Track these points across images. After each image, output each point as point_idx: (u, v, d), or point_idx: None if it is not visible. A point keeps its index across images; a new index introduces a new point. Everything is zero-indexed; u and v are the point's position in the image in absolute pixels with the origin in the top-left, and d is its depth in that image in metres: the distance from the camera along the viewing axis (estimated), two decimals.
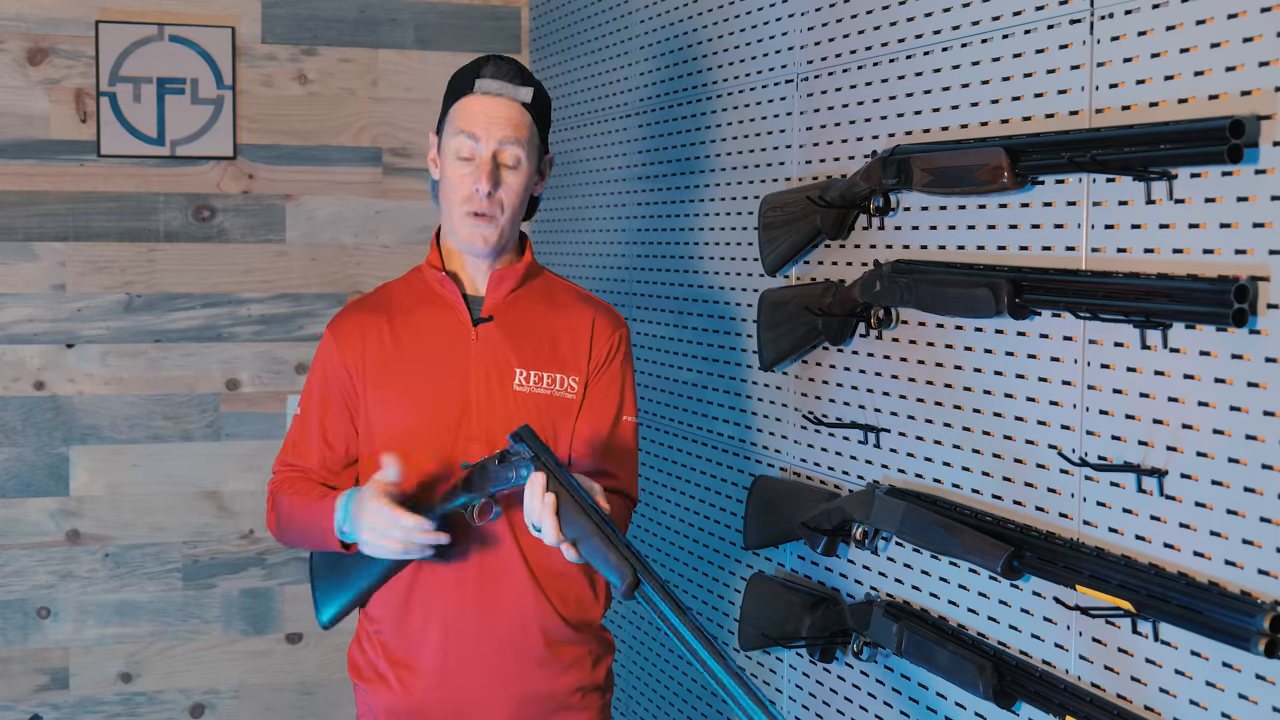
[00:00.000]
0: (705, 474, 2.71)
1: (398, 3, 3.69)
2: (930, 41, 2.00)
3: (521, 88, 2.11)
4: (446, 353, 2.14)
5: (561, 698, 2.17)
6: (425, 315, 2.17)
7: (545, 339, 2.15)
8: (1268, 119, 1.44)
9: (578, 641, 2.17)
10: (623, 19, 3.09)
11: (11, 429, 3.47)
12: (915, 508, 1.94)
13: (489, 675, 2.13)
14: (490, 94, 2.10)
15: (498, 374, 2.12)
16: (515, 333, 2.15)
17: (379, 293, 2.25)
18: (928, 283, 1.92)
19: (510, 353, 2.13)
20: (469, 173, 2.09)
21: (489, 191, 2.08)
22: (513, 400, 2.11)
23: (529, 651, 2.14)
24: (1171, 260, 1.57)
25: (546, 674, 2.15)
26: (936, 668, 1.91)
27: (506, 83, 2.11)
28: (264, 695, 3.65)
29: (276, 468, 2.27)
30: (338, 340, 2.19)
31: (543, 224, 3.66)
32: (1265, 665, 1.45)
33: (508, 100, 2.10)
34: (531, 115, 2.12)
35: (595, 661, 2.21)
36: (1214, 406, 1.51)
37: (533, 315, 2.17)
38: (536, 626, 2.13)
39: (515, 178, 2.11)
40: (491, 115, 2.09)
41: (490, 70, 2.11)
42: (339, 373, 2.18)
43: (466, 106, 2.11)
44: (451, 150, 2.11)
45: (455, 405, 2.12)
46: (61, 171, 3.48)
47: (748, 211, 2.52)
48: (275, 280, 3.63)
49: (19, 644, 3.50)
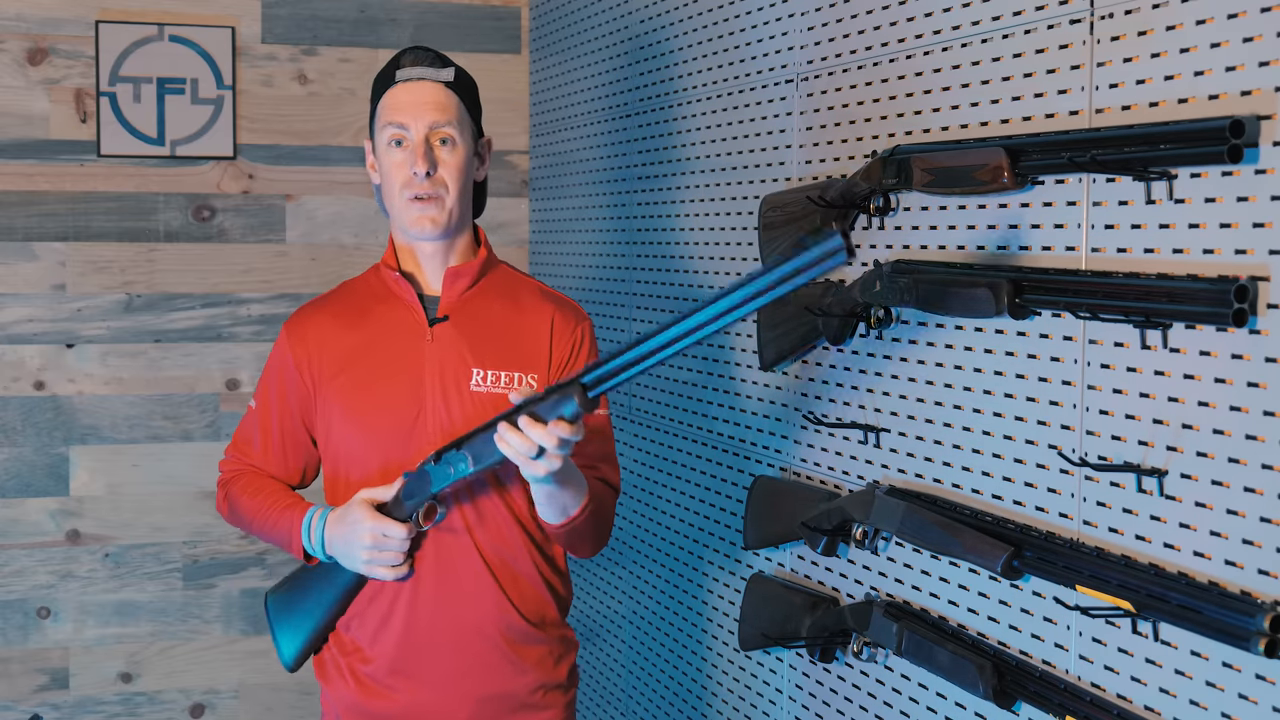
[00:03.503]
0: (705, 474, 2.71)
1: (398, 3, 3.69)
2: (930, 41, 2.00)
3: (442, 69, 2.12)
4: (402, 354, 2.13)
5: (523, 696, 2.17)
6: (381, 315, 2.16)
7: (503, 337, 2.14)
8: (1268, 119, 1.44)
9: (538, 640, 2.18)
10: (623, 19, 3.09)
11: (11, 429, 3.47)
12: (915, 508, 1.94)
13: (448, 674, 2.13)
14: (412, 80, 2.10)
15: (454, 375, 2.11)
16: (472, 332, 2.13)
17: (337, 292, 2.24)
18: (928, 283, 1.92)
19: (467, 352, 2.12)
20: (403, 159, 2.09)
21: (427, 172, 2.07)
22: (469, 401, 2.10)
23: (489, 650, 2.14)
24: (1171, 260, 1.57)
25: (507, 673, 2.16)
26: (936, 668, 1.91)
27: (426, 67, 2.11)
28: (264, 695, 3.65)
29: (228, 453, 2.29)
30: (291, 340, 2.19)
31: (542, 224, 3.66)
32: (1265, 665, 1.45)
33: (430, 83, 2.10)
34: (458, 95, 2.12)
35: (558, 660, 2.21)
36: (1214, 406, 1.51)
37: (490, 313, 2.16)
38: (496, 625, 2.13)
39: (452, 156, 2.10)
40: (417, 100, 2.09)
41: (409, 59, 2.12)
42: (292, 373, 2.18)
43: (391, 98, 2.11)
44: (384, 143, 2.11)
45: (410, 407, 2.11)
46: (61, 171, 3.48)
47: (748, 211, 2.52)
48: (275, 280, 3.63)
49: (19, 644, 3.50)
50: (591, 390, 1.84)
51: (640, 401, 2.98)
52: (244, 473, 2.25)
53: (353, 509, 2.07)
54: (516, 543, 2.14)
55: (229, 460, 2.29)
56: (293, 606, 2.20)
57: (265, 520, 2.19)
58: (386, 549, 2.05)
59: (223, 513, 2.30)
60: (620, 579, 3.11)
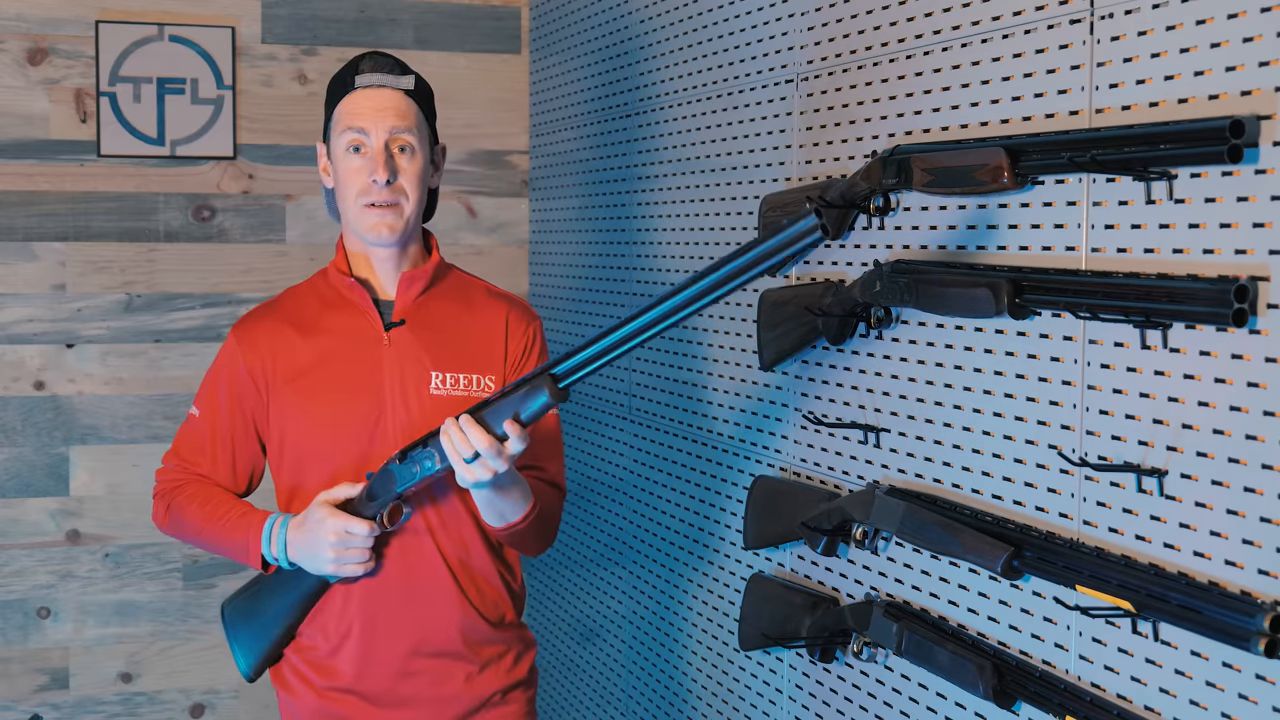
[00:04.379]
0: (705, 474, 2.71)
1: (398, 3, 3.69)
2: (930, 41, 2.00)
3: (402, 76, 2.11)
4: (359, 359, 2.12)
5: (484, 696, 2.18)
6: (335, 321, 2.14)
7: (460, 339, 2.14)
8: (1268, 119, 1.44)
9: (498, 640, 2.19)
10: (622, 19, 3.09)
11: (11, 429, 3.47)
12: (915, 508, 1.94)
13: (410, 676, 2.14)
14: (372, 86, 2.09)
15: (413, 379, 2.11)
16: (429, 335, 2.13)
17: (283, 298, 2.23)
18: (928, 283, 1.92)
19: (425, 356, 2.12)
20: (362, 165, 2.08)
21: (388, 180, 2.06)
22: (430, 404, 2.10)
23: (449, 651, 2.14)
24: (1171, 260, 1.57)
25: (468, 673, 2.16)
26: (936, 668, 1.91)
27: (386, 74, 2.10)
28: (264, 695, 3.65)
29: (168, 462, 2.25)
30: (243, 347, 2.17)
31: (542, 224, 3.66)
32: (1265, 665, 1.45)
33: (390, 90, 2.09)
34: (417, 103, 2.11)
35: (517, 659, 2.22)
36: (1214, 406, 1.51)
37: (445, 316, 2.15)
38: (457, 626, 2.14)
39: (411, 164, 2.09)
40: (377, 106, 2.08)
41: (368, 65, 2.11)
42: (244, 380, 2.16)
43: (350, 103, 2.10)
44: (341, 148, 2.09)
45: (370, 412, 2.10)
46: (61, 171, 3.48)
47: (748, 211, 2.52)
48: (275, 280, 3.62)
49: (19, 644, 3.50)
50: (562, 380, 1.84)
51: (640, 401, 2.98)
52: (188, 482, 2.22)
53: (314, 510, 2.06)
54: (476, 543, 2.15)
55: (169, 470, 2.25)
56: (250, 616, 2.18)
57: (218, 530, 2.15)
58: (351, 545, 2.04)
59: (160, 524, 2.26)
60: (620, 579, 3.11)
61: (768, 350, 2.35)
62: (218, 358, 2.21)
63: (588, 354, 1.81)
